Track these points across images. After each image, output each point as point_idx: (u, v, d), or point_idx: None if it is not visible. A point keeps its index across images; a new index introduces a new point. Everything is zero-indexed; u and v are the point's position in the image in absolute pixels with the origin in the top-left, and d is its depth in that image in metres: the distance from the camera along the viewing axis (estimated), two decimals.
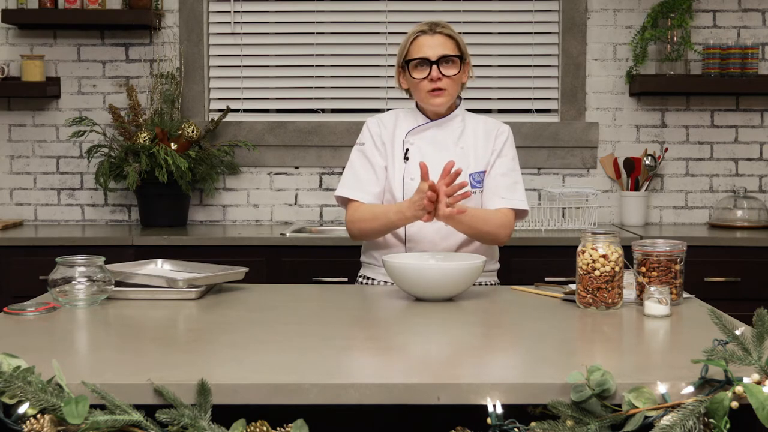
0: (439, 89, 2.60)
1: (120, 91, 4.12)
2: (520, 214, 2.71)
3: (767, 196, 4.14)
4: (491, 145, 2.70)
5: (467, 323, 2.13)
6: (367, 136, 2.72)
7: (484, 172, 2.68)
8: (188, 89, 4.13)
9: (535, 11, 4.15)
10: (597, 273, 2.14)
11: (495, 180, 2.67)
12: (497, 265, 2.79)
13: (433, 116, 2.70)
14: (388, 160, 2.69)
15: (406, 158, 2.66)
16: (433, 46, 2.60)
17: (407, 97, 2.80)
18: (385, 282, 2.66)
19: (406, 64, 2.64)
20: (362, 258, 2.80)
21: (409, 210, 2.46)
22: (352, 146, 2.77)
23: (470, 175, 2.66)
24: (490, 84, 4.17)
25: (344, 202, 2.71)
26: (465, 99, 2.84)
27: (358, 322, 2.15)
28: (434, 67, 2.58)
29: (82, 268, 2.21)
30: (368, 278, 2.74)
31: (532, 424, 1.48)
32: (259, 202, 4.17)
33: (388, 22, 4.16)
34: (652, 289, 2.11)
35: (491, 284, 2.72)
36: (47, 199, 4.19)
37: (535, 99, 4.18)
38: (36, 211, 4.19)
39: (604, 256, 2.14)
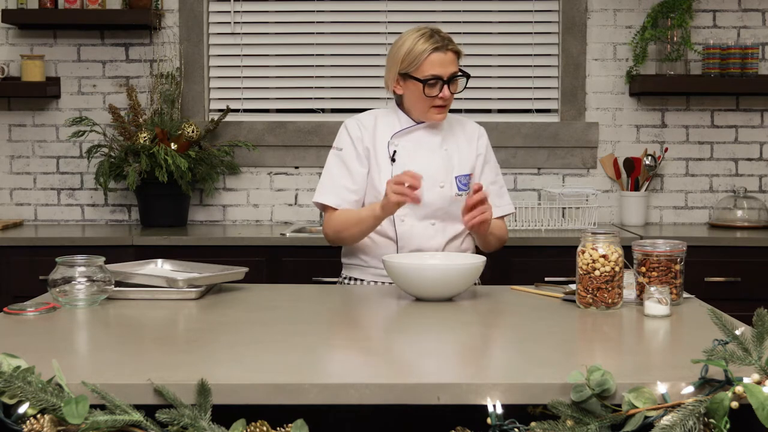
0: (443, 106, 2.63)
1: (120, 91, 4.12)
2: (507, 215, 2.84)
3: (767, 196, 4.14)
4: (474, 148, 2.74)
5: (467, 323, 2.12)
6: (347, 141, 2.69)
7: (469, 175, 2.70)
8: (188, 89, 4.13)
9: (535, 11, 4.15)
10: (597, 273, 2.14)
11: (487, 189, 2.67)
12: None
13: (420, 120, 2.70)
14: (372, 163, 2.67)
15: (393, 159, 2.66)
16: (445, 65, 2.59)
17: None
18: (376, 282, 2.66)
19: (413, 78, 2.60)
20: (345, 259, 2.77)
21: (381, 206, 2.49)
22: None
23: (456, 177, 2.68)
24: (490, 84, 4.17)
25: (323, 206, 2.70)
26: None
27: (358, 322, 2.15)
28: (446, 87, 2.60)
29: (82, 268, 2.21)
30: (356, 279, 2.72)
31: (532, 424, 1.48)
32: (259, 202, 4.17)
33: (388, 22, 4.16)
34: (652, 289, 2.11)
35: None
36: (47, 199, 4.19)
37: (535, 99, 4.17)
38: (36, 211, 4.19)
39: (604, 256, 2.14)
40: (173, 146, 3.84)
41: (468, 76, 2.65)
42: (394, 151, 2.66)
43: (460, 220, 2.61)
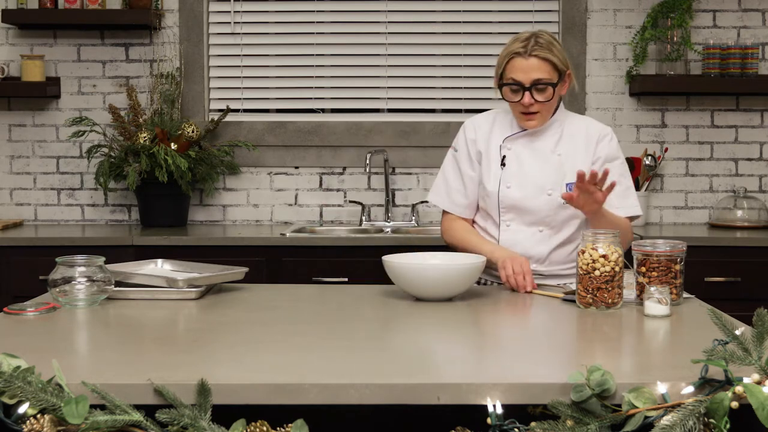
0: (532, 113, 2.55)
1: (120, 91, 4.12)
2: (632, 218, 2.66)
3: (767, 196, 4.14)
4: (592, 153, 2.60)
5: (467, 323, 2.13)
6: (462, 142, 2.68)
7: None
8: (188, 89, 4.13)
9: (535, 11, 4.15)
10: (597, 273, 2.14)
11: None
12: None
13: None
14: (483, 165, 2.63)
15: (503, 164, 2.62)
16: (526, 70, 2.51)
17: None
18: (492, 282, 2.64)
19: (500, 82, 2.58)
20: None
21: (496, 262, 2.46)
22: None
23: (567, 184, 2.55)
24: (490, 84, 4.14)
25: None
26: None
27: (358, 322, 2.14)
28: (527, 93, 2.51)
29: (82, 268, 2.21)
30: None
31: (532, 424, 1.48)
32: (259, 202, 4.17)
33: (388, 22, 4.16)
34: (652, 289, 2.11)
35: None
36: (47, 199, 4.19)
37: None
38: (36, 211, 4.19)
39: (604, 256, 2.14)
40: (173, 146, 3.84)
41: (554, 85, 2.53)
42: (504, 156, 2.62)
43: (568, 227, 2.58)
